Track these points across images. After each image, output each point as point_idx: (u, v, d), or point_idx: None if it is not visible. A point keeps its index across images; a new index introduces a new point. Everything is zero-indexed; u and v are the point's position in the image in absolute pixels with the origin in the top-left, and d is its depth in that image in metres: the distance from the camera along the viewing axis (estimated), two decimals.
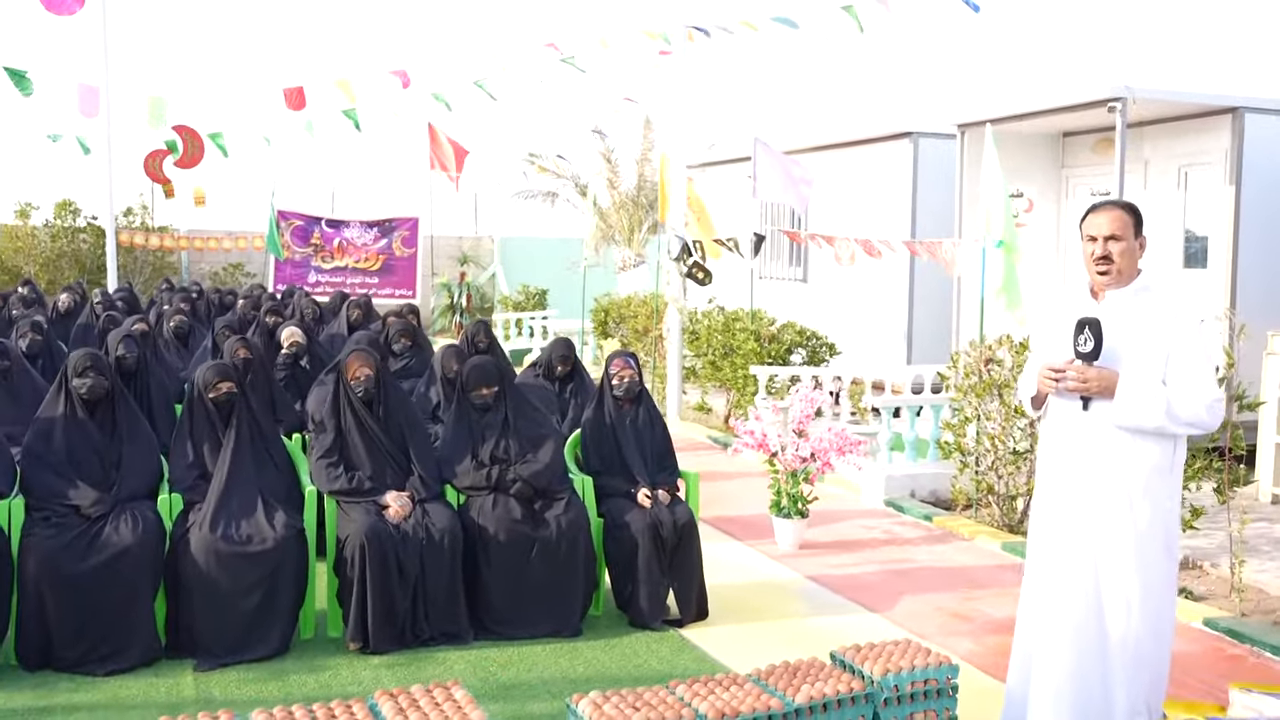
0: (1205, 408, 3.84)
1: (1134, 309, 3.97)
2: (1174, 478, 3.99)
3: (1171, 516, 4.00)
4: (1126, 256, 3.96)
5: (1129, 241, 3.95)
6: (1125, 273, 3.98)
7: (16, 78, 9.63)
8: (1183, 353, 3.89)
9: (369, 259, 22.05)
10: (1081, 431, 3.99)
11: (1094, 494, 3.94)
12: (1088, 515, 3.96)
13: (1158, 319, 3.92)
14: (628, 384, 6.01)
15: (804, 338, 10.78)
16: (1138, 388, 3.84)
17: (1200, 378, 3.87)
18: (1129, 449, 3.91)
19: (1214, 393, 3.87)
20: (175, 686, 4.68)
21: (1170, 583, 4.03)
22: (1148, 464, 3.90)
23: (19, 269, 19.83)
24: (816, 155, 13.39)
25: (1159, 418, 3.82)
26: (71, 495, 4.93)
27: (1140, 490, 3.91)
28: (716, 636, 5.49)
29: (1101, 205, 4.04)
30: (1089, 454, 3.97)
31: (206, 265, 21.90)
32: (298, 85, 10.66)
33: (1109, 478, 3.92)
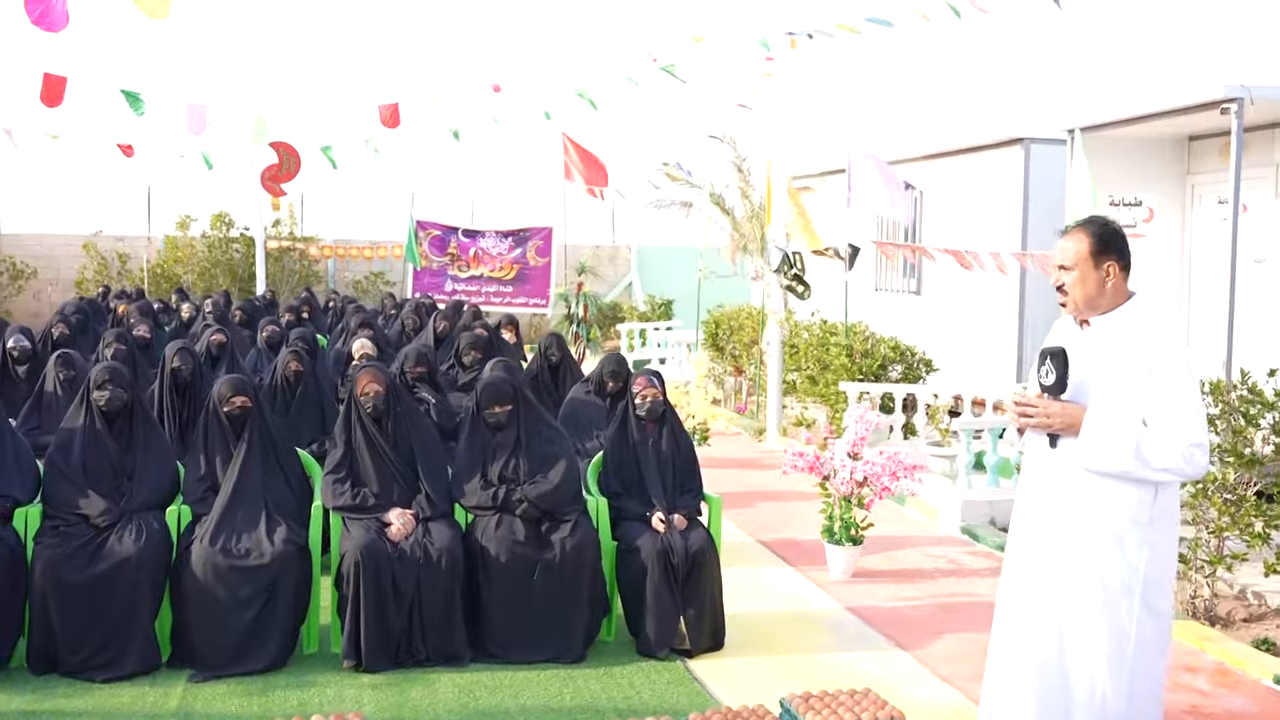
0: (1182, 454, 3.42)
1: (1113, 340, 3.59)
2: (1157, 529, 3.55)
3: (1155, 569, 3.57)
4: (1080, 287, 3.61)
5: (1081, 270, 3.59)
6: (1086, 303, 3.62)
7: (131, 99, 10.11)
8: (1162, 390, 3.48)
9: (504, 268, 22.42)
10: (1050, 472, 3.64)
11: (1061, 542, 3.59)
12: (1054, 565, 3.60)
13: (1138, 352, 3.52)
14: (650, 404, 5.85)
15: (898, 353, 10.36)
16: (1104, 426, 3.46)
17: (1179, 419, 3.45)
18: (1100, 495, 3.53)
19: (1194, 436, 3.45)
20: (163, 698, 4.76)
21: (1157, 641, 3.61)
22: (1122, 513, 3.52)
23: (178, 277, 20.92)
24: (924, 165, 12.90)
25: (1126, 461, 3.43)
26: (82, 505, 5.09)
27: (1111, 542, 3.52)
28: (723, 669, 5.27)
29: (1068, 229, 3.71)
30: (1056, 497, 3.62)
31: (350, 274, 22.64)
32: (393, 103, 10.86)
33: (1077, 525, 3.56)
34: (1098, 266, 3.59)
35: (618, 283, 24.03)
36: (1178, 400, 3.46)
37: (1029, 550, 3.68)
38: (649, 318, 19.37)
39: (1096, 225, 3.66)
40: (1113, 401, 3.50)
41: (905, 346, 10.51)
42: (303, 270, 22.07)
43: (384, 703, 4.75)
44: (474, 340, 8.65)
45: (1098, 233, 3.63)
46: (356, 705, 4.71)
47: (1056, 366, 3.54)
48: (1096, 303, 3.61)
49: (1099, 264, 3.59)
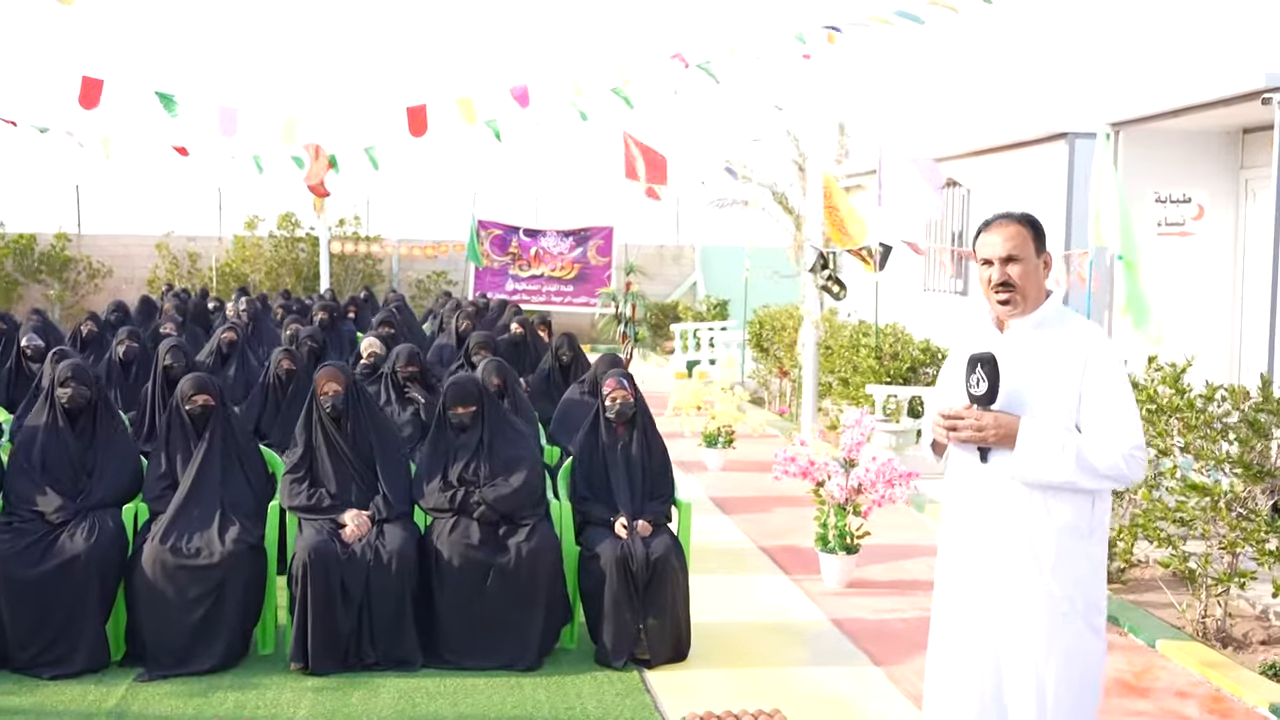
0: (1124, 457, 3.19)
1: (1040, 342, 3.34)
2: (1094, 542, 3.32)
3: (1095, 588, 3.33)
4: (1030, 279, 3.34)
5: (1030, 262, 3.34)
6: (1031, 298, 3.36)
7: (165, 100, 10.25)
8: (1098, 392, 3.24)
9: (564, 268, 22.43)
10: (981, 488, 3.37)
11: (998, 562, 3.33)
12: (991, 588, 3.34)
13: (1068, 353, 3.28)
14: (620, 406, 5.69)
15: (929, 355, 10.02)
16: (1042, 435, 3.21)
17: (1118, 421, 3.22)
18: (1037, 508, 3.28)
19: (1134, 439, 3.21)
20: (104, 696, 4.75)
21: (1097, 666, 3.35)
22: (1060, 525, 3.27)
23: (245, 277, 21.33)
24: (970, 162, 12.50)
25: (1068, 470, 3.19)
26: (39, 501, 5.12)
27: (1053, 557, 3.26)
28: (681, 682, 5.09)
29: (994, 221, 3.42)
30: (991, 514, 3.35)
31: (414, 273, 22.85)
32: (421, 104, 10.84)
33: (1015, 543, 3.30)
34: (1038, 255, 3.36)
35: (681, 283, 23.87)
36: (1114, 402, 3.23)
37: (963, 575, 3.42)
38: (704, 318, 19.18)
39: (1026, 215, 3.41)
40: (1045, 407, 3.26)
41: (936, 348, 10.17)
42: (366, 269, 22.34)
43: (322, 706, 4.68)
44: (483, 340, 8.56)
45: (1032, 222, 3.38)
46: (294, 709, 4.65)
47: (988, 374, 3.26)
48: (1037, 297, 3.36)
49: (1038, 253, 3.36)
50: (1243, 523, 5.70)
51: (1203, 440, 5.87)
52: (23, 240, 20.85)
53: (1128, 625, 5.92)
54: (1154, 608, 6.22)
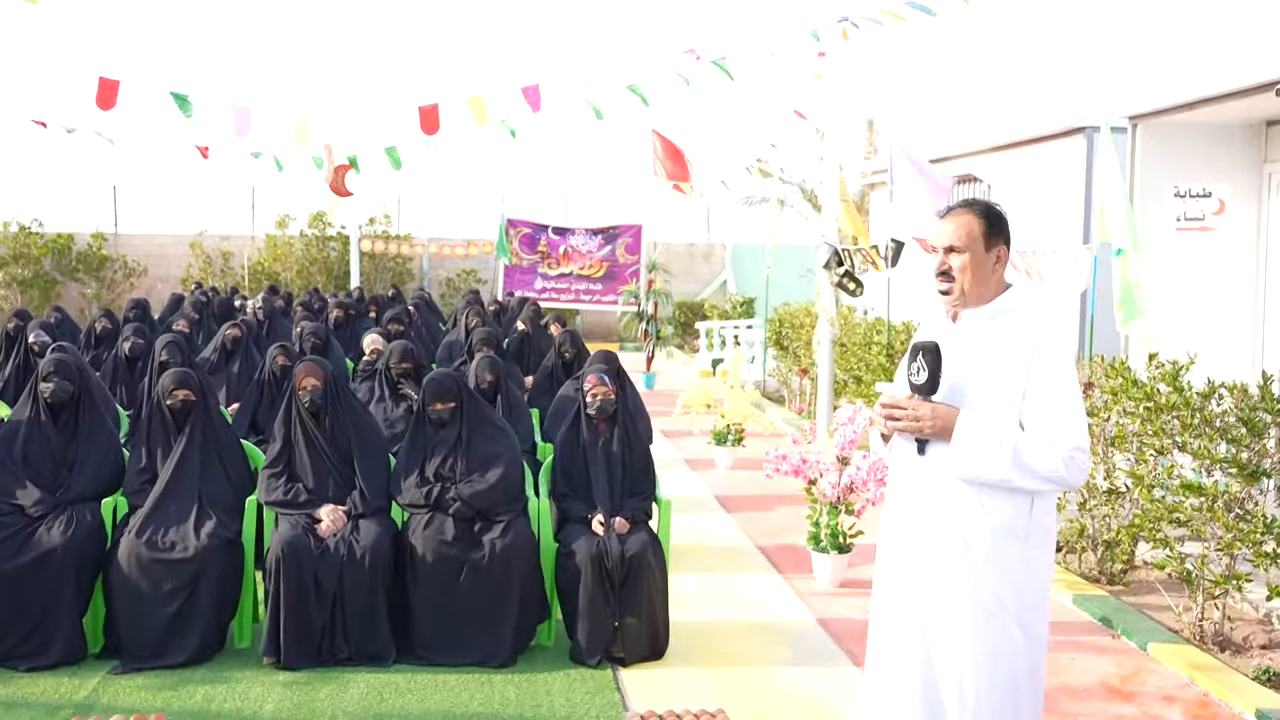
0: (1063, 459, 3.10)
1: (989, 334, 3.27)
2: (1034, 544, 3.24)
3: (1030, 591, 3.24)
4: (970, 272, 3.27)
5: (975, 254, 3.27)
6: (972, 291, 3.29)
7: (180, 100, 10.35)
8: (1040, 388, 3.15)
9: (593, 266, 22.42)
10: (918, 481, 3.32)
11: (930, 558, 3.28)
12: (923, 584, 3.29)
13: (1015, 345, 3.20)
14: (601, 402, 5.66)
15: None
16: (978, 430, 3.14)
17: (1061, 421, 3.13)
18: (972, 504, 3.22)
19: (1075, 440, 3.12)
20: (76, 689, 4.78)
21: (1031, 668, 3.28)
22: (995, 524, 3.20)
23: (276, 275, 21.54)
24: (989, 157, 12.32)
25: (1003, 468, 3.11)
26: (18, 494, 5.16)
27: (984, 556, 3.20)
28: (654, 680, 5.05)
29: (949, 210, 3.36)
30: (926, 508, 3.30)
31: (444, 271, 22.95)
32: (433, 103, 10.86)
33: (948, 539, 3.24)
34: (989, 249, 3.28)
35: (711, 281, 23.79)
36: (1058, 400, 3.14)
37: (898, 568, 3.38)
38: (729, 316, 19.09)
39: (983, 205, 3.34)
40: (988, 402, 3.19)
41: None
42: (397, 268, 22.47)
43: (289, 701, 4.69)
44: (485, 336, 8.56)
45: (986, 212, 3.31)
46: (261, 703, 4.66)
47: (928, 363, 3.21)
48: (981, 291, 3.29)
49: (990, 246, 3.28)
50: (1240, 524, 5.56)
51: (1199, 440, 5.73)
52: (61, 240, 21.19)
53: (1121, 628, 5.79)
54: (1153, 610, 6.09)
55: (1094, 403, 6.66)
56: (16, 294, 20.62)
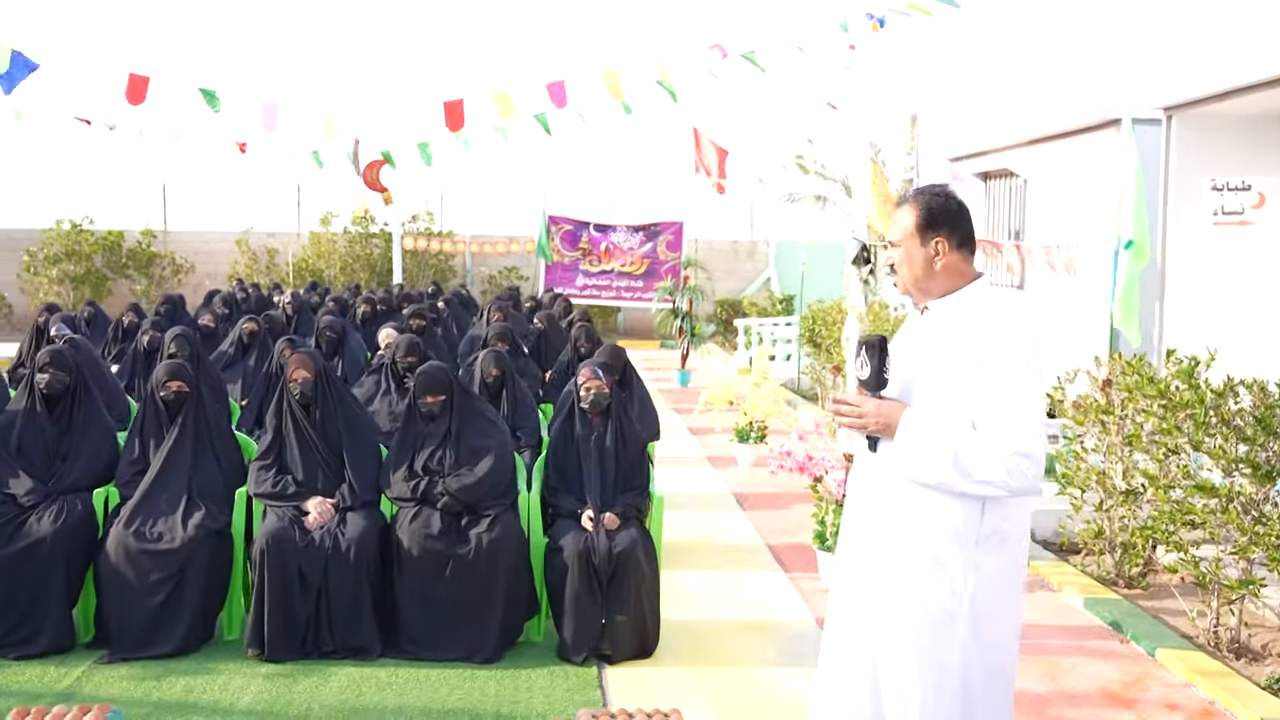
0: (1004, 464, 2.88)
1: (943, 328, 3.12)
2: (986, 551, 3.02)
3: (985, 600, 3.04)
4: (907, 267, 3.17)
5: (909, 248, 3.15)
6: (915, 285, 3.17)
7: (208, 96, 10.45)
8: (990, 388, 2.95)
9: (634, 263, 22.35)
10: (870, 480, 3.19)
11: (878, 562, 3.13)
12: (871, 588, 3.15)
13: (966, 342, 3.02)
14: (594, 397, 5.59)
15: None
16: (921, 429, 2.99)
17: (1006, 423, 2.92)
18: (920, 508, 3.05)
19: (1020, 444, 2.90)
20: (60, 677, 4.80)
21: (989, 677, 3.09)
22: (944, 530, 3.02)
23: (320, 272, 21.74)
24: (1025, 151, 12.05)
25: (943, 470, 2.94)
26: (11, 484, 5.21)
27: (930, 563, 3.04)
28: (640, 679, 4.97)
29: (898, 203, 3.26)
30: (875, 508, 3.17)
31: (486, 269, 23.02)
32: (458, 99, 10.85)
33: (895, 542, 3.10)
34: (925, 243, 3.13)
35: (755, 279, 23.61)
36: (1007, 400, 2.93)
37: (848, 570, 3.25)
38: (769, 314, 18.93)
39: (926, 196, 3.19)
40: (937, 399, 3.03)
41: None
42: (439, 265, 22.57)
43: (268, 693, 4.67)
44: (500, 332, 8.53)
45: (926, 203, 3.16)
46: (240, 694, 4.65)
47: (871, 358, 3.08)
48: (927, 284, 3.15)
49: (926, 239, 3.13)
50: (1256, 526, 5.35)
51: (1215, 439, 5.53)
52: (112, 237, 21.55)
53: (1130, 633, 5.61)
54: (1170, 615, 5.90)
55: (1111, 400, 6.48)
56: (69, 290, 21.00)
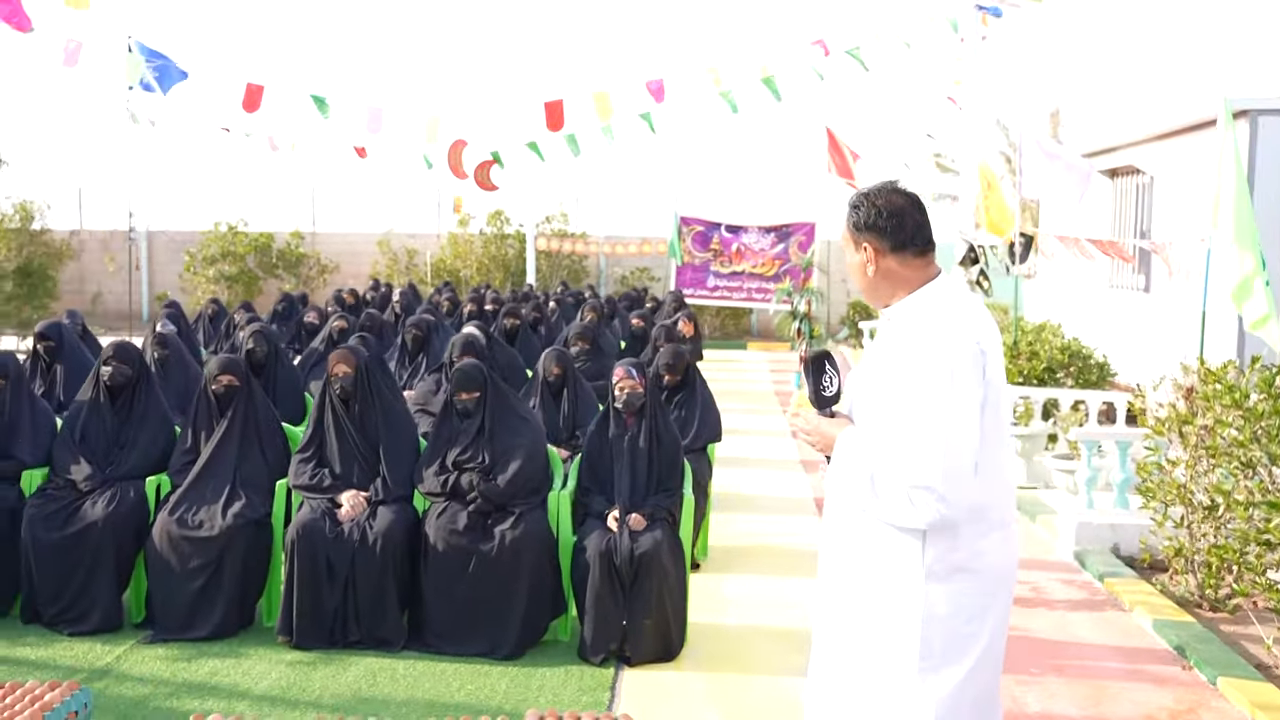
0: (906, 496, 2.68)
1: (883, 339, 2.95)
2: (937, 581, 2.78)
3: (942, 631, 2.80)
4: (852, 271, 2.99)
5: (848, 253, 2.98)
6: (867, 291, 2.98)
7: (318, 102, 10.85)
8: (894, 409, 2.73)
9: (765, 264, 22.14)
10: (829, 499, 3.04)
11: (836, 589, 2.97)
12: (832, 616, 2.99)
13: (892, 356, 2.82)
14: (628, 396, 5.55)
15: (1066, 355, 9.22)
16: (850, 450, 2.81)
17: (904, 452, 2.69)
18: (867, 532, 2.86)
19: (916, 477, 2.66)
20: (101, 655, 5.04)
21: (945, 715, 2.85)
22: (888, 557, 2.82)
23: (457, 272, 22.30)
24: (1146, 148, 11.43)
25: (865, 498, 2.77)
26: (73, 470, 5.50)
27: (879, 591, 2.84)
28: (656, 682, 4.91)
29: None
30: (831, 533, 3.01)
31: (619, 269, 23.18)
32: (558, 99, 10.94)
33: (848, 569, 2.92)
34: (857, 249, 2.94)
35: None
36: (905, 425, 2.70)
37: (819, 596, 3.08)
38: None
39: (856, 198, 2.96)
40: (869, 417, 2.85)
41: (1079, 348, 9.35)
42: (572, 266, 22.85)
43: (286, 679, 4.80)
44: (581, 331, 8.58)
45: (854, 207, 2.95)
46: (259, 679, 4.79)
47: (808, 376, 2.95)
48: (871, 293, 2.96)
49: (858, 246, 2.94)
50: None
51: None
52: (263, 239, 22.58)
53: (1194, 658, 5.25)
54: (1251, 642, 5.50)
55: (1194, 409, 6.08)
56: (224, 289, 22.09)
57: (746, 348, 20.52)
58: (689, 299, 21.07)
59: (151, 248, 23.33)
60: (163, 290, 22.36)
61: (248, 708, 4.49)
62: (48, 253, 22.02)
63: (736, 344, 20.97)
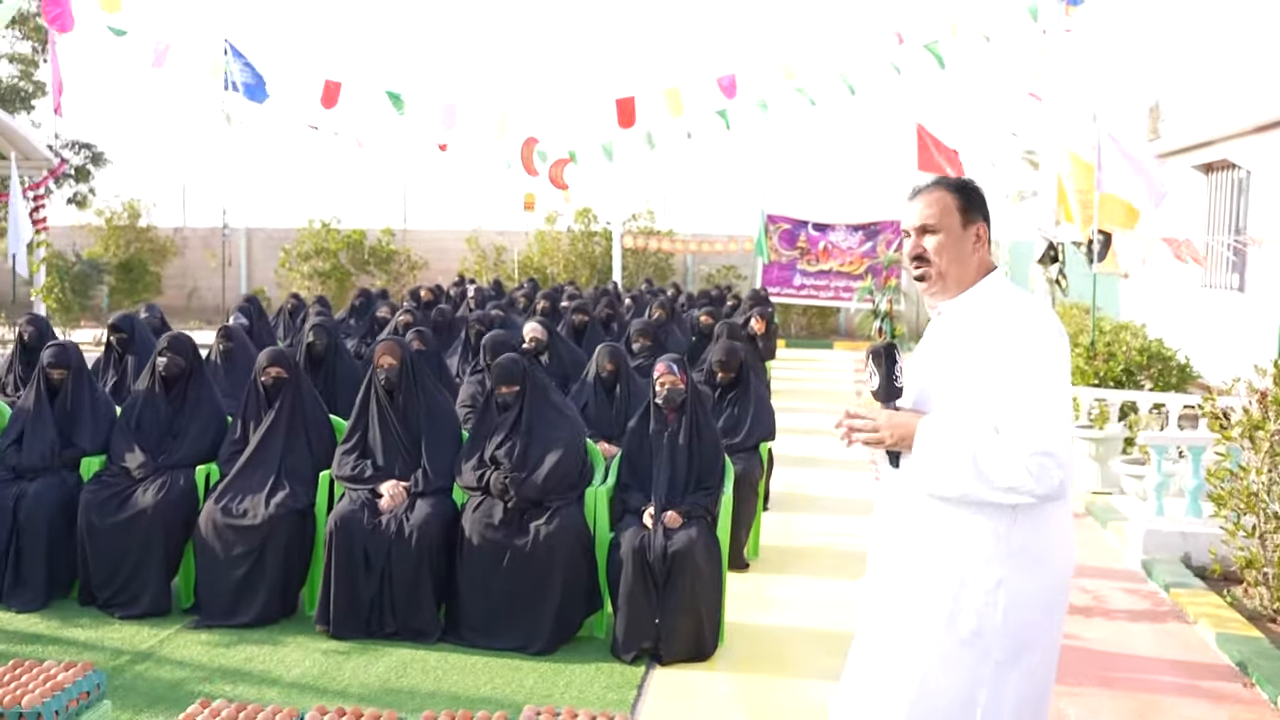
0: (1025, 466, 2.61)
1: (961, 328, 2.81)
2: (1016, 568, 2.71)
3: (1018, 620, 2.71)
4: (949, 253, 2.82)
5: (951, 234, 2.81)
6: (951, 275, 2.83)
7: (394, 99, 11.03)
8: (1009, 384, 2.67)
9: (852, 263, 21.84)
10: (893, 498, 2.90)
11: (904, 584, 2.83)
12: (897, 612, 2.84)
13: (985, 341, 2.73)
14: (668, 392, 5.49)
15: (1145, 356, 8.87)
16: (938, 438, 2.71)
17: (1025, 420, 2.64)
18: (947, 522, 2.75)
19: (1041, 443, 2.62)
20: (148, 638, 5.16)
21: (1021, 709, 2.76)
22: (969, 548, 2.72)
23: (544, 269, 22.46)
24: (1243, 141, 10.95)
25: (965, 479, 2.66)
26: (126, 458, 5.65)
27: (956, 584, 2.73)
28: (682, 682, 4.85)
29: (920, 188, 2.90)
30: (899, 529, 2.87)
31: (706, 267, 23.10)
32: (629, 96, 10.91)
33: (919, 563, 2.79)
34: (966, 226, 2.83)
35: None
36: (1026, 397, 2.65)
37: (875, 595, 2.93)
38: None
39: (957, 180, 2.90)
40: (955, 405, 2.74)
41: (1159, 349, 8.99)
42: (659, 263, 22.83)
43: (317, 668, 4.86)
44: (643, 327, 8.54)
45: (960, 187, 2.87)
46: (291, 667, 4.86)
47: (879, 367, 2.83)
48: (961, 275, 2.83)
49: (967, 223, 2.83)
50: None
51: None
52: (355, 235, 23.03)
53: (1257, 675, 4.99)
54: None
55: (1267, 413, 5.80)
56: (317, 284, 22.59)
57: (833, 347, 20.27)
58: (775, 297, 20.91)
59: (250, 244, 23.97)
60: (259, 285, 22.97)
61: (275, 695, 4.55)
62: (152, 249, 22.81)
63: (823, 343, 20.73)
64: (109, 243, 22.33)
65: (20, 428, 5.78)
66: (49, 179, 17.54)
